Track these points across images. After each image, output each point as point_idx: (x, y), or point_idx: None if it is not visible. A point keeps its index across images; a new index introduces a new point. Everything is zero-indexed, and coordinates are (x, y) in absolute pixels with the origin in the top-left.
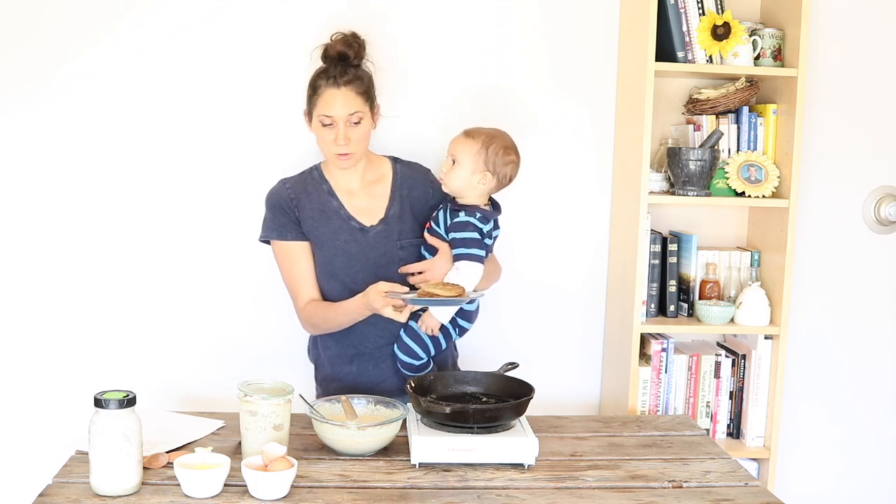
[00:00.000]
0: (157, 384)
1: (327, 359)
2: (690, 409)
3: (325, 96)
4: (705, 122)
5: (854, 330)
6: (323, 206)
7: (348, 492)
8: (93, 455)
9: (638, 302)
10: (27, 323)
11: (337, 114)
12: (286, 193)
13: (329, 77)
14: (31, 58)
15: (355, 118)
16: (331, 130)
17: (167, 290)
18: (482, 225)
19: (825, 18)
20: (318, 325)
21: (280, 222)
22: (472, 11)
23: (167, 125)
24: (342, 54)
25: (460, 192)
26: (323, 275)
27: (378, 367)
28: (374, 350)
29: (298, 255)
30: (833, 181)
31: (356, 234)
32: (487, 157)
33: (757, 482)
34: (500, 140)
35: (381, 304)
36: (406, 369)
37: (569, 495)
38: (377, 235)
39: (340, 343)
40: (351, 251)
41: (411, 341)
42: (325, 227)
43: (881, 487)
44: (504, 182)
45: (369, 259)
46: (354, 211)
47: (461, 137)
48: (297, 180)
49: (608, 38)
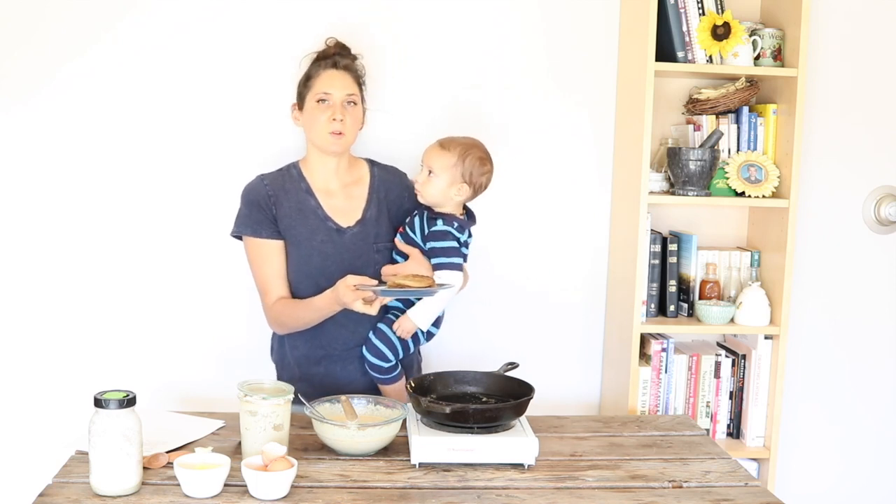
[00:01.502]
0: (157, 384)
1: (295, 359)
2: (690, 409)
3: (324, 76)
4: (705, 122)
5: (854, 330)
6: (301, 205)
7: (348, 492)
8: (93, 455)
9: (638, 302)
10: (27, 323)
11: (335, 91)
12: (264, 190)
13: (329, 60)
14: (31, 58)
15: (350, 99)
16: (327, 108)
17: (167, 290)
18: (459, 234)
19: (825, 18)
20: (287, 322)
21: (256, 219)
22: (471, 12)
23: (167, 125)
24: (340, 52)
25: (436, 202)
26: (297, 274)
27: (346, 368)
28: (343, 352)
29: (271, 253)
30: (833, 181)
31: (332, 235)
32: (464, 169)
33: (757, 482)
34: (475, 151)
35: (351, 297)
36: (374, 371)
37: (569, 495)
38: (353, 237)
39: (310, 343)
40: (326, 251)
41: (380, 343)
42: (301, 226)
43: (881, 487)
44: (479, 191)
45: (344, 260)
46: (332, 211)
47: (437, 149)
48: (275, 177)
49: (608, 38)
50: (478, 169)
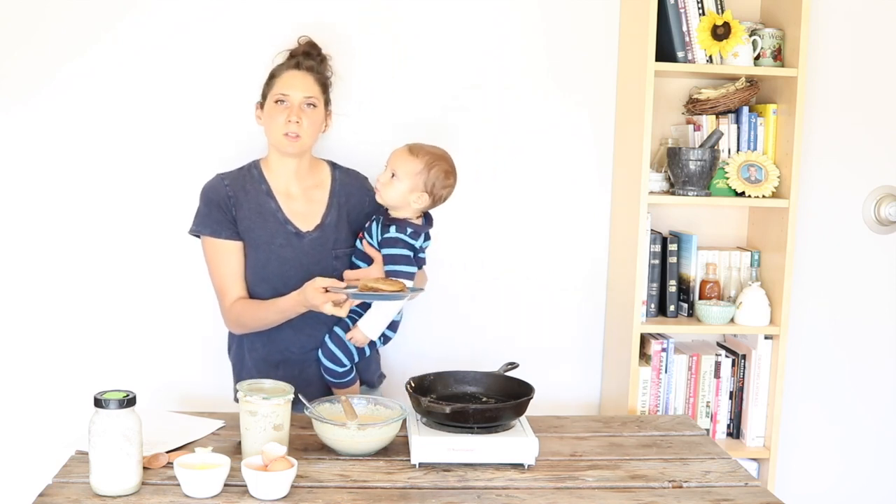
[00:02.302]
0: (157, 384)
1: (252, 361)
2: (690, 409)
3: (285, 77)
4: (705, 122)
5: (854, 330)
6: (260, 207)
7: (348, 492)
8: (93, 455)
9: (638, 302)
10: (27, 323)
11: (293, 93)
12: (224, 190)
13: (293, 60)
14: (31, 58)
15: (309, 101)
16: (283, 109)
17: (167, 289)
18: (413, 241)
19: (825, 18)
20: (247, 323)
21: (215, 219)
22: (471, 12)
23: (167, 124)
24: (307, 52)
25: (394, 205)
26: (254, 277)
27: (304, 372)
28: (300, 355)
29: (230, 253)
30: (833, 181)
31: (291, 239)
32: (428, 179)
33: (757, 482)
34: (442, 163)
35: (321, 300)
36: (329, 375)
37: (569, 495)
38: (312, 242)
39: (268, 347)
40: (285, 256)
41: (336, 348)
42: (261, 228)
43: (881, 487)
44: (438, 203)
45: (302, 265)
46: (291, 215)
47: (405, 153)
48: (235, 177)
49: (608, 38)
50: (441, 181)
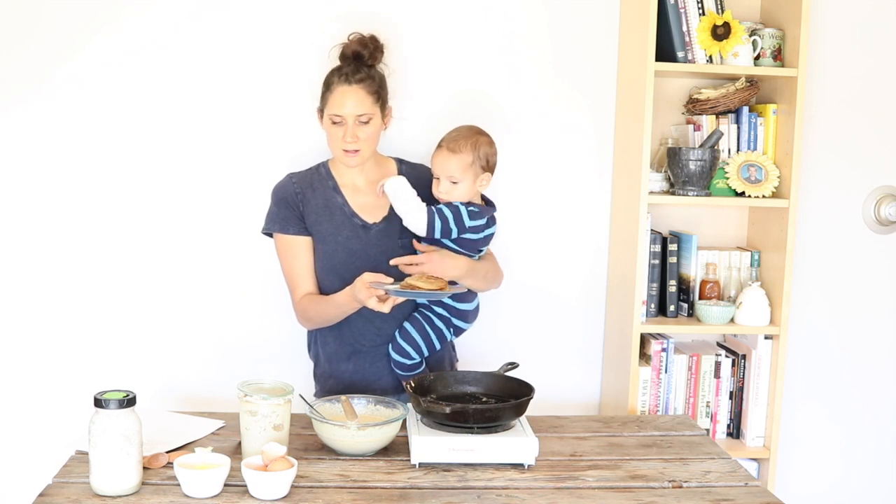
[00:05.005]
0: (157, 384)
1: (325, 355)
2: (690, 409)
3: (336, 94)
4: (705, 122)
5: (854, 330)
6: (327, 202)
7: (348, 492)
8: (93, 455)
9: (638, 302)
10: (27, 323)
11: (346, 112)
12: (292, 188)
13: (342, 74)
14: (29, 57)
15: (364, 118)
16: (340, 128)
17: (168, 289)
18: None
19: (825, 18)
20: (312, 318)
21: (283, 216)
22: (473, 13)
23: (166, 123)
24: (357, 53)
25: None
26: (323, 270)
27: (374, 365)
28: (371, 348)
29: (299, 249)
30: (833, 181)
31: (358, 231)
32: (479, 159)
33: (757, 482)
34: (478, 137)
35: (365, 294)
36: (398, 368)
37: (569, 495)
38: (379, 233)
39: (339, 340)
40: (352, 248)
41: (404, 342)
42: (328, 222)
43: (881, 487)
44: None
45: (370, 256)
46: (358, 208)
47: (448, 156)
48: (303, 175)
49: (608, 39)
50: (489, 151)
